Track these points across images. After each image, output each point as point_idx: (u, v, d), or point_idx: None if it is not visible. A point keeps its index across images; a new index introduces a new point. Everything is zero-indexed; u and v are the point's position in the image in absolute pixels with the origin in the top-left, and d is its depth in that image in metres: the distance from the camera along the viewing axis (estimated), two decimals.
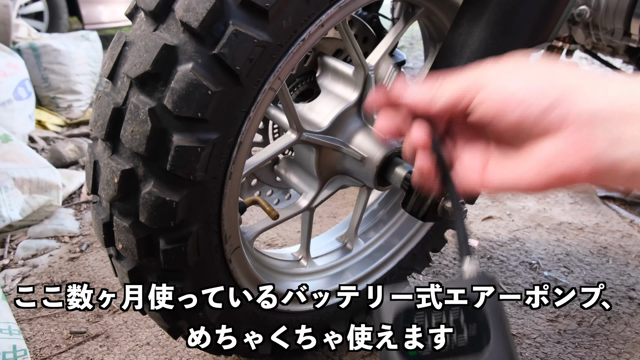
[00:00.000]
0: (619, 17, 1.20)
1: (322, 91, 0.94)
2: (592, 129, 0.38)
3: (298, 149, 0.93)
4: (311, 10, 0.63)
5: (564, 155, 0.39)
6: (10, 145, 1.63)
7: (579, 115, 0.39)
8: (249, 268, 0.83)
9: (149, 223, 0.63)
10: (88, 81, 2.70)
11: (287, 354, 1.00)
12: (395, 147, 0.89)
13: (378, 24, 1.07)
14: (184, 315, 0.75)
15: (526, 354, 1.08)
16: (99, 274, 1.36)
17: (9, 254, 1.47)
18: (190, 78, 0.56)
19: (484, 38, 0.69)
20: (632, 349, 1.09)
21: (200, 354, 1.06)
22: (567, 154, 0.39)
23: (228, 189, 0.68)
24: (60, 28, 3.70)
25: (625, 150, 0.37)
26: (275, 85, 0.64)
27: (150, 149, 0.59)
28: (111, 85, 0.63)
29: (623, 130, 0.37)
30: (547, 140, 0.40)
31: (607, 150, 0.37)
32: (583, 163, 0.39)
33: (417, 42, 4.90)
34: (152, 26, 0.59)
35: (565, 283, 1.33)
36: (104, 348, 1.09)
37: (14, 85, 2.10)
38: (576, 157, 0.39)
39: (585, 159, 0.38)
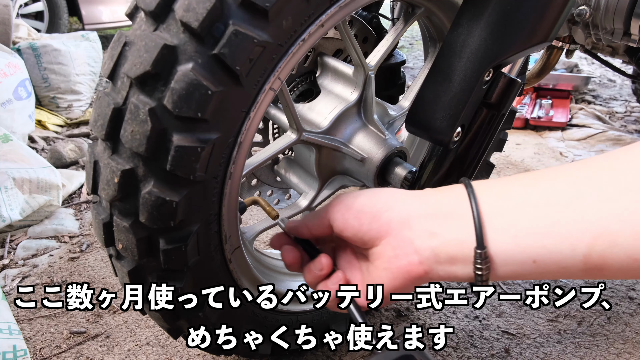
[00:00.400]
0: (619, 17, 1.20)
1: (322, 91, 0.94)
2: (409, 228, 0.47)
3: (298, 149, 0.93)
4: (311, 10, 0.63)
5: (396, 251, 0.48)
6: (10, 145, 1.63)
7: (399, 219, 0.48)
8: (249, 268, 0.83)
9: (149, 223, 0.63)
10: (88, 81, 2.70)
11: (287, 354, 1.01)
12: (396, 147, 0.89)
13: (378, 24, 1.07)
14: (184, 315, 0.75)
15: (526, 354, 1.08)
16: (99, 274, 1.36)
17: (9, 254, 1.47)
18: (190, 78, 0.56)
19: (484, 38, 0.69)
20: (632, 349, 1.09)
21: (200, 354, 1.06)
22: (398, 251, 0.48)
23: (228, 189, 0.68)
24: (60, 28, 3.71)
25: (437, 240, 0.46)
26: (275, 85, 0.64)
27: (150, 149, 0.59)
28: (111, 85, 0.63)
29: (432, 225, 0.46)
30: (383, 244, 0.49)
31: (424, 242, 0.46)
32: (411, 254, 0.47)
33: (417, 42, 4.91)
34: (152, 26, 0.59)
35: (565, 283, 1.33)
36: (104, 348, 1.09)
37: (14, 85, 2.10)
38: (405, 252, 0.47)
39: (412, 253, 0.47)
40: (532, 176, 0.44)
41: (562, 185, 0.41)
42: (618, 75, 3.32)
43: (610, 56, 1.54)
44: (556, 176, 0.43)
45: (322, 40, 0.96)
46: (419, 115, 0.76)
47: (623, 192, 0.38)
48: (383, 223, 0.49)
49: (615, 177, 0.39)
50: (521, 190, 0.43)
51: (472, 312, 1.21)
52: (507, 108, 0.76)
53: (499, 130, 1.00)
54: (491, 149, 1.14)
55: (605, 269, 0.40)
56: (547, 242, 0.41)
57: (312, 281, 0.58)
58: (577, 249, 0.39)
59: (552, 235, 0.40)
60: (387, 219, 0.49)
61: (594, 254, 0.39)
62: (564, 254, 0.40)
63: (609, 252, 0.38)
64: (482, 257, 0.43)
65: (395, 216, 0.49)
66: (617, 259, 0.38)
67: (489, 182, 0.47)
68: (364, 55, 0.88)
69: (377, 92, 0.98)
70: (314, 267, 0.56)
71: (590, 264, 0.40)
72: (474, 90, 0.71)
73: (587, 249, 0.39)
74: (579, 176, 0.41)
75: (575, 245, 0.39)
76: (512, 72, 0.81)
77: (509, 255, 0.43)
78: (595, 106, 2.79)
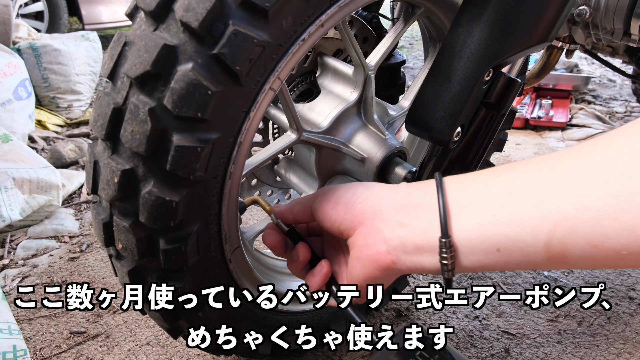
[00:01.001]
0: (618, 17, 1.20)
1: (322, 91, 0.94)
2: (380, 218, 0.49)
3: (298, 149, 0.93)
4: (311, 10, 0.63)
5: (367, 240, 0.50)
6: (10, 145, 1.63)
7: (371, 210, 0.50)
8: (249, 268, 0.83)
9: (149, 223, 0.63)
10: (88, 81, 2.70)
11: (287, 354, 1.01)
12: (395, 147, 0.89)
13: (378, 24, 1.07)
14: (184, 315, 0.75)
15: (526, 354, 1.08)
16: (99, 274, 1.36)
17: (9, 254, 1.47)
18: (190, 78, 0.56)
19: (484, 38, 0.69)
20: (632, 349, 1.09)
21: (200, 354, 1.06)
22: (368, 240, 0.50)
23: (228, 188, 0.68)
24: (60, 28, 3.71)
25: (405, 230, 0.48)
26: (275, 85, 0.64)
27: (150, 148, 0.59)
28: (111, 85, 0.63)
29: (401, 216, 0.48)
30: (356, 234, 0.51)
31: (393, 232, 0.48)
32: (380, 244, 0.49)
33: (417, 42, 4.91)
34: (152, 26, 0.59)
35: (565, 283, 1.33)
36: (104, 348, 1.09)
37: (14, 85, 2.10)
38: (374, 241, 0.49)
39: (381, 242, 0.49)
40: (499, 168, 0.46)
41: (525, 175, 0.43)
42: (618, 75, 3.32)
43: (610, 56, 1.54)
44: (521, 167, 0.44)
45: (322, 40, 0.96)
46: (419, 115, 0.76)
47: (582, 180, 0.39)
48: (357, 213, 0.51)
49: (576, 166, 0.40)
50: (487, 180, 0.45)
51: (472, 312, 1.21)
52: (507, 108, 0.76)
53: (499, 130, 1.00)
54: (491, 149, 1.14)
55: (567, 257, 0.40)
56: (509, 230, 0.42)
57: (293, 269, 0.60)
58: (538, 236, 0.40)
59: (514, 224, 0.41)
60: (360, 209, 0.51)
61: (555, 240, 0.40)
62: (526, 241, 0.41)
63: (569, 238, 0.39)
64: (447, 245, 0.44)
65: (368, 207, 0.51)
66: (577, 245, 0.39)
67: (460, 175, 0.48)
68: (364, 55, 0.88)
69: (377, 92, 0.98)
70: (293, 254, 0.59)
71: (552, 251, 0.40)
72: (474, 90, 0.71)
73: (548, 236, 0.40)
74: (542, 166, 0.42)
75: (536, 232, 0.40)
76: (512, 72, 0.81)
77: (473, 244, 0.44)
78: (595, 106, 2.79)
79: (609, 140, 0.40)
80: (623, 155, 0.38)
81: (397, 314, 1.20)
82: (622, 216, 0.37)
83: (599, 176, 0.38)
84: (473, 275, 1.35)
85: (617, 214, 0.37)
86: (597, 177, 0.38)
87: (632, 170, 0.37)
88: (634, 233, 0.37)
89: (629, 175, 0.37)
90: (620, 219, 0.37)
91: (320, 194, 0.57)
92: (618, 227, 0.37)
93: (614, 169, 0.38)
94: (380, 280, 0.53)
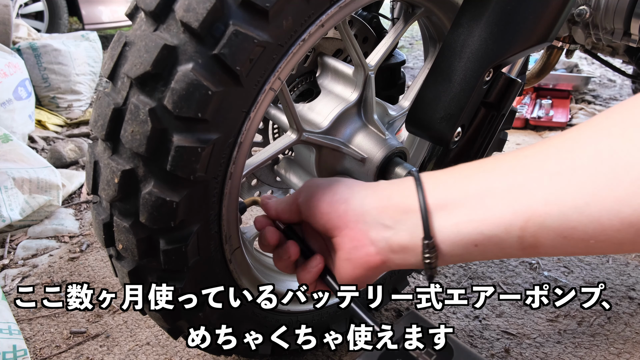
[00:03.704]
0: (619, 17, 1.20)
1: (322, 91, 0.94)
2: (364, 220, 0.51)
3: (298, 149, 0.93)
4: (311, 10, 0.62)
5: (354, 243, 0.52)
6: (10, 145, 1.63)
7: (354, 212, 0.52)
8: (249, 268, 0.83)
9: (149, 223, 0.63)
10: (88, 81, 2.70)
11: (287, 354, 1.01)
12: (396, 147, 0.89)
13: (378, 24, 1.07)
14: (184, 315, 0.75)
15: (526, 354, 1.08)
16: (99, 274, 1.36)
17: (9, 254, 1.47)
18: (190, 78, 0.56)
19: (484, 38, 0.69)
20: (632, 349, 1.09)
21: (200, 354, 1.06)
22: (356, 243, 0.52)
23: (228, 189, 0.68)
24: (60, 28, 3.71)
25: (390, 232, 0.50)
26: (275, 86, 0.64)
27: (151, 149, 0.59)
28: (111, 86, 0.63)
29: (384, 218, 0.50)
30: (342, 235, 0.53)
31: (379, 234, 0.50)
32: (368, 246, 0.51)
33: (417, 42, 4.91)
34: (152, 26, 0.59)
35: (565, 283, 1.33)
36: (104, 348, 1.09)
37: (14, 85, 2.10)
38: (362, 243, 0.51)
39: (368, 244, 0.51)
40: (475, 166, 0.48)
41: (498, 174, 0.46)
42: (618, 75, 3.32)
43: (610, 56, 1.54)
44: (494, 165, 0.47)
45: (322, 40, 0.96)
46: (419, 115, 0.76)
47: (551, 177, 0.41)
48: (340, 214, 0.53)
49: (545, 163, 0.42)
50: (463, 180, 0.48)
51: (472, 312, 1.21)
52: (507, 108, 0.76)
53: (499, 130, 1.00)
54: (491, 149, 1.14)
55: (539, 247, 0.43)
56: (484, 227, 0.45)
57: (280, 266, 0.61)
58: (511, 232, 0.44)
59: (488, 222, 0.44)
60: (343, 210, 0.53)
61: (527, 234, 0.43)
62: (501, 237, 0.44)
63: (539, 232, 0.42)
64: (430, 246, 0.48)
65: (350, 208, 0.53)
66: (548, 237, 0.42)
67: (437, 174, 0.50)
68: (364, 55, 0.88)
69: (377, 92, 0.98)
70: (283, 253, 0.60)
71: (525, 243, 0.44)
72: (474, 90, 0.71)
73: (521, 231, 0.43)
74: (514, 164, 0.45)
75: (509, 229, 0.43)
76: (512, 72, 0.81)
77: (452, 242, 0.47)
78: (595, 106, 2.79)
79: (577, 134, 0.42)
80: (588, 152, 0.40)
81: (397, 314, 1.20)
82: (587, 209, 0.39)
83: (566, 172, 0.41)
84: (473, 275, 1.35)
85: (583, 208, 0.40)
86: (564, 174, 0.41)
87: (596, 165, 0.39)
88: (599, 224, 0.39)
89: (593, 170, 0.39)
90: (586, 212, 0.39)
91: (304, 191, 0.58)
92: (585, 220, 0.40)
93: (579, 164, 0.40)
94: (370, 278, 0.55)
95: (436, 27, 1.01)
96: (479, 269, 1.38)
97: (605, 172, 0.38)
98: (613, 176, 0.38)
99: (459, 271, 1.37)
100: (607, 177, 0.38)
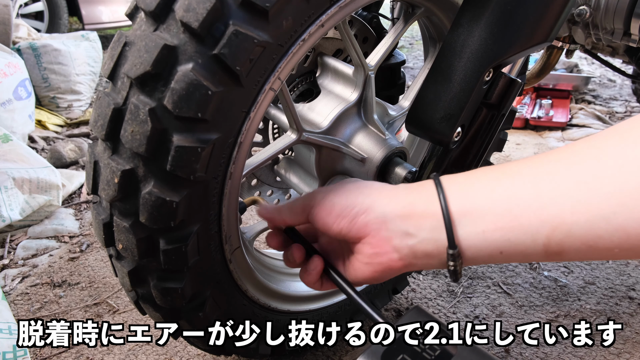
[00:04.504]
0: (619, 17, 1.20)
1: (322, 91, 0.94)
2: (386, 228, 0.51)
3: (298, 149, 0.93)
4: (311, 10, 0.62)
5: (376, 250, 0.52)
6: (10, 145, 1.63)
7: (376, 220, 0.51)
8: (249, 268, 0.83)
9: (149, 223, 0.63)
10: (88, 81, 2.70)
11: (287, 353, 1.01)
12: (395, 147, 0.89)
13: (378, 24, 1.07)
14: (184, 315, 0.75)
15: (526, 354, 1.08)
16: (99, 274, 1.36)
17: (9, 254, 1.47)
18: (190, 78, 0.56)
19: (484, 38, 0.69)
20: (632, 349, 1.09)
21: (200, 354, 1.06)
22: (378, 250, 0.52)
23: (228, 189, 0.68)
24: (60, 28, 3.71)
25: (413, 240, 0.50)
26: (275, 86, 0.64)
27: (151, 149, 0.59)
28: (111, 86, 0.63)
29: (407, 225, 0.50)
30: (363, 242, 0.53)
31: (402, 241, 0.50)
32: (391, 253, 0.51)
33: (417, 42, 4.91)
34: (152, 26, 0.59)
35: (565, 283, 1.33)
36: (104, 348, 1.09)
37: (14, 85, 2.10)
38: (384, 250, 0.51)
39: (391, 251, 0.51)
40: (497, 171, 0.48)
41: (524, 181, 0.45)
42: (618, 75, 3.32)
43: (610, 56, 1.54)
44: (519, 171, 0.46)
45: (322, 40, 0.96)
46: (419, 115, 0.76)
47: (577, 185, 0.41)
48: (361, 226, 0.52)
49: (571, 171, 0.42)
50: (487, 186, 0.47)
51: (472, 312, 1.21)
52: (507, 108, 0.76)
53: (499, 130, 1.00)
54: (491, 149, 1.14)
55: (563, 255, 0.44)
56: (511, 235, 0.45)
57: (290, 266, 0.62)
58: (537, 240, 0.44)
59: (515, 230, 0.45)
60: (364, 221, 0.52)
61: (553, 243, 0.43)
62: (527, 244, 0.45)
63: (565, 240, 0.42)
64: (455, 255, 0.48)
65: (371, 218, 0.52)
66: (573, 245, 0.42)
67: (458, 178, 0.50)
68: (364, 55, 0.88)
69: (377, 92, 0.98)
70: (289, 255, 0.60)
71: (550, 251, 0.44)
72: (474, 90, 0.71)
73: (546, 239, 0.43)
74: (539, 171, 0.45)
75: (535, 237, 0.44)
76: (512, 72, 0.81)
77: (478, 249, 0.47)
78: (595, 106, 2.79)
79: (602, 142, 0.42)
80: (615, 159, 0.40)
81: (397, 314, 1.20)
82: (614, 219, 0.39)
83: (593, 181, 0.41)
84: (473, 275, 1.35)
85: (610, 217, 0.40)
86: (591, 181, 0.41)
87: (624, 174, 0.39)
88: (625, 233, 0.39)
89: (620, 179, 0.39)
90: (612, 221, 0.40)
91: (317, 202, 0.56)
92: (611, 229, 0.40)
93: (606, 173, 0.40)
94: (386, 279, 0.55)
95: (436, 27, 1.01)
96: (479, 269, 1.38)
97: (633, 181, 0.39)
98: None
99: None
100: (634, 186, 0.38)
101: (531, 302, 1.25)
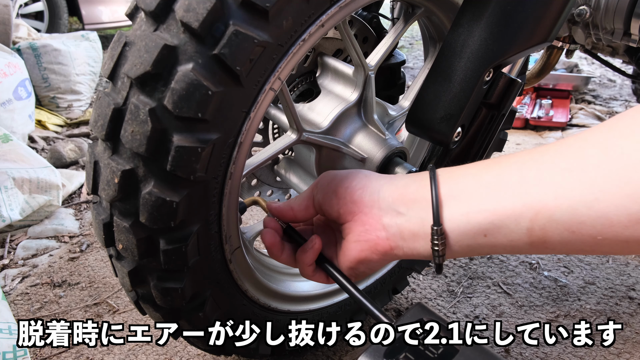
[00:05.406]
0: (619, 17, 1.20)
1: (322, 91, 0.94)
2: (379, 207, 0.54)
3: (298, 149, 0.93)
4: (311, 10, 0.62)
5: (366, 226, 0.54)
6: (10, 145, 1.63)
7: (371, 197, 0.54)
8: (249, 268, 0.83)
9: (149, 223, 0.63)
10: (88, 81, 2.70)
11: (287, 353, 1.01)
12: (396, 147, 0.89)
13: (378, 24, 1.07)
14: (184, 315, 0.75)
15: (526, 354, 1.08)
16: (99, 274, 1.36)
17: (9, 254, 1.47)
18: (190, 78, 0.56)
19: (484, 38, 0.69)
20: (632, 349, 1.09)
21: (200, 354, 1.06)
22: (367, 226, 0.54)
23: (228, 189, 0.68)
24: (60, 28, 3.71)
25: (402, 218, 0.52)
26: (275, 86, 0.64)
27: (151, 149, 0.59)
28: (111, 86, 0.63)
29: (398, 205, 0.52)
30: (354, 220, 0.55)
31: (392, 219, 0.52)
32: (379, 230, 0.53)
33: (417, 42, 4.91)
34: (152, 26, 0.59)
35: (565, 283, 1.33)
36: (104, 348, 1.09)
37: (14, 85, 2.10)
38: (374, 227, 0.54)
39: (380, 228, 0.53)
40: (489, 162, 0.50)
41: (511, 167, 0.47)
42: (618, 75, 3.32)
43: (610, 56, 1.54)
44: (507, 160, 0.48)
45: (322, 40, 0.96)
46: (419, 115, 0.76)
47: (562, 172, 0.43)
48: (356, 199, 0.55)
49: (556, 159, 0.44)
50: (476, 173, 0.49)
51: (472, 312, 1.21)
52: (507, 108, 0.76)
53: (499, 130, 1.00)
54: (491, 149, 1.14)
55: (547, 242, 0.44)
56: (494, 217, 0.46)
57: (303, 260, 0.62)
58: (521, 223, 0.45)
59: (499, 212, 0.46)
60: (359, 196, 0.55)
61: (536, 227, 0.44)
62: (510, 227, 0.45)
63: (548, 225, 0.43)
64: (438, 233, 0.49)
65: (366, 194, 0.55)
66: (557, 231, 0.43)
67: (453, 168, 0.52)
68: (364, 55, 0.88)
69: (377, 92, 0.98)
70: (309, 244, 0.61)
71: (533, 236, 0.45)
72: (474, 90, 0.71)
73: (530, 223, 0.44)
74: (526, 159, 0.46)
75: (519, 220, 0.45)
76: (512, 72, 0.81)
77: (462, 231, 0.48)
78: (595, 106, 2.79)
79: (589, 134, 0.44)
80: (600, 149, 0.41)
81: (397, 314, 1.20)
82: (596, 205, 0.40)
83: (577, 169, 0.42)
84: (473, 275, 1.35)
85: (592, 203, 0.40)
86: (575, 170, 0.42)
87: (607, 162, 0.40)
88: (607, 220, 0.40)
89: (603, 168, 0.40)
90: (595, 208, 0.40)
91: (321, 181, 0.60)
92: (593, 215, 0.41)
93: (590, 162, 0.41)
94: (373, 264, 0.56)
95: (436, 27, 1.01)
96: (479, 269, 1.38)
97: (615, 170, 0.39)
98: (623, 174, 0.39)
99: (459, 271, 1.37)
100: (617, 174, 0.39)
101: (531, 302, 1.25)
